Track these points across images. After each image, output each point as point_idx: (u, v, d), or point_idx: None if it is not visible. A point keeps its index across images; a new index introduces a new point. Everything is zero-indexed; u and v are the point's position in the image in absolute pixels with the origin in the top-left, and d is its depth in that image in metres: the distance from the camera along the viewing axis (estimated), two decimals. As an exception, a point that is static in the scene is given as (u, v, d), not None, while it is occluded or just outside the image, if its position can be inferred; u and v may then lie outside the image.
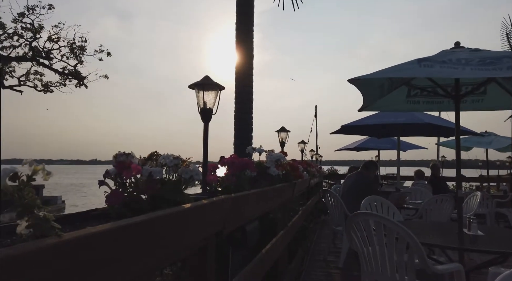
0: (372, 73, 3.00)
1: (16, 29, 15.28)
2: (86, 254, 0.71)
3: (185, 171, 1.37)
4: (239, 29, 6.26)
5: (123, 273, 0.86)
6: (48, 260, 0.62)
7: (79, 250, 0.70)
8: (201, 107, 2.00)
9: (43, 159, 24.25)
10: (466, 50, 3.06)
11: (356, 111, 4.33)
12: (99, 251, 0.76)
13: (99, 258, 0.75)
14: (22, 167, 0.72)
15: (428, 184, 7.69)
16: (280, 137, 5.73)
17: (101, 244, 0.77)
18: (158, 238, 1.01)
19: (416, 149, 11.18)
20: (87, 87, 17.25)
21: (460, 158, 3.27)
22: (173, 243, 1.11)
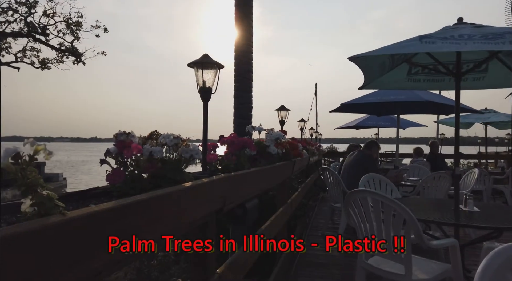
0: (373, 51, 2.97)
1: (10, 3, 14.93)
2: (89, 232, 0.73)
3: (185, 151, 1.38)
4: (238, 6, 6.12)
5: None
6: (53, 237, 0.64)
7: (83, 228, 0.71)
8: (200, 86, 1.99)
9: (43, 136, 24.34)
10: (468, 26, 3.01)
11: (357, 89, 4.32)
12: (102, 228, 0.78)
13: (102, 235, 0.77)
14: (24, 147, 0.73)
15: (427, 161, 7.75)
16: (279, 115, 5.72)
17: (104, 222, 0.79)
18: (159, 216, 1.04)
19: (415, 126, 11.20)
20: (84, 64, 17.03)
21: (459, 136, 3.29)
22: (173, 221, 1.14)
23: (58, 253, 0.65)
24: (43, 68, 16.53)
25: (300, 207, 5.14)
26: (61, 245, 0.65)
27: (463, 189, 5.18)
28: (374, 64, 3.69)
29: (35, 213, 0.68)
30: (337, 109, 7.72)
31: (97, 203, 1.05)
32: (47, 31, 15.86)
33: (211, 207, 1.52)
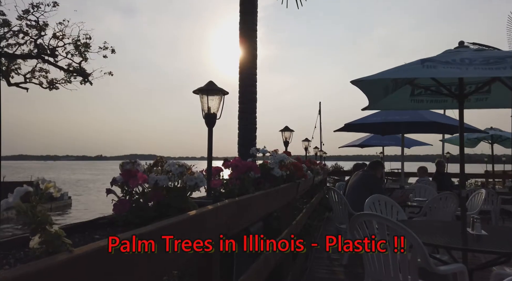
0: (375, 74, 3.01)
1: (21, 26, 15.37)
2: (96, 268, 0.74)
3: (190, 179, 1.40)
4: (243, 29, 6.26)
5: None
6: (60, 276, 0.65)
7: (89, 265, 0.73)
8: (205, 112, 2.03)
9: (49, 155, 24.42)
10: (469, 50, 3.05)
11: (360, 106, 4.35)
12: (108, 264, 0.79)
13: (108, 271, 0.79)
14: (34, 183, 0.75)
15: (433, 180, 7.68)
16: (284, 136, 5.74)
17: (109, 258, 0.80)
18: (163, 247, 1.05)
19: (420, 145, 11.16)
20: (92, 84, 17.34)
21: (464, 157, 3.28)
22: (174, 252, 1.15)
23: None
24: (51, 88, 16.83)
25: (305, 228, 5.09)
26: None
27: (471, 210, 5.11)
28: (377, 87, 3.73)
29: (43, 251, 0.69)
30: (341, 129, 7.74)
31: (102, 234, 1.06)
32: (56, 53, 16.24)
33: (215, 234, 1.52)
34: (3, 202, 0.62)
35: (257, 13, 6.56)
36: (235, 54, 6.51)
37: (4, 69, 15.16)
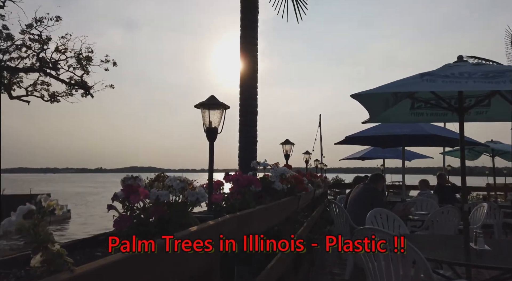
0: (375, 88, 3.03)
1: (24, 40, 15.53)
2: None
3: (191, 194, 1.39)
4: (243, 43, 6.33)
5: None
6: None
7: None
8: (207, 126, 2.04)
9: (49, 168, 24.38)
10: (468, 64, 3.08)
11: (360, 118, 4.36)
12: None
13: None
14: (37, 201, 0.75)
15: (434, 193, 7.65)
16: (284, 149, 5.75)
17: (111, 276, 0.79)
18: (163, 264, 1.04)
19: (421, 158, 11.15)
20: (93, 96, 17.42)
21: (465, 171, 3.27)
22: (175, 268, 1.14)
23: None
24: (53, 101, 16.91)
25: (306, 242, 5.04)
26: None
27: (473, 224, 5.07)
28: (377, 100, 3.76)
29: (44, 270, 0.69)
30: (342, 142, 7.76)
31: (103, 251, 1.05)
32: (58, 66, 16.38)
33: (216, 251, 1.51)
34: (5, 221, 0.62)
35: (257, 27, 6.65)
36: (236, 68, 6.57)
37: (6, 83, 15.26)
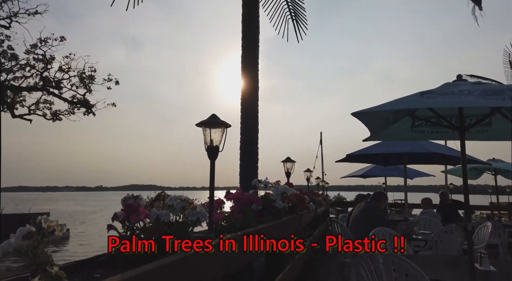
0: (375, 107, 3.04)
1: (29, 60, 15.75)
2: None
3: (192, 213, 1.38)
4: (245, 62, 6.42)
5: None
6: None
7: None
8: (208, 144, 2.05)
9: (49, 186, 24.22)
10: (468, 83, 3.11)
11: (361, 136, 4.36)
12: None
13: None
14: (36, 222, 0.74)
15: (437, 212, 7.56)
16: (285, 167, 5.73)
17: None
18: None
19: (423, 176, 11.09)
20: (95, 114, 17.51)
21: (468, 189, 3.24)
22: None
23: None
24: (55, 119, 16.99)
25: (308, 261, 4.96)
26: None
27: (477, 244, 4.99)
28: (377, 118, 3.77)
29: (42, 293, 0.68)
30: (343, 160, 7.74)
31: (102, 273, 1.03)
32: (61, 85, 16.55)
33: (216, 272, 1.48)
34: (5, 243, 0.61)
35: (258, 46, 6.75)
36: (237, 85, 6.64)
37: (9, 102, 15.38)
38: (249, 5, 6.80)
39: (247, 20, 6.75)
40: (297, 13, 9.30)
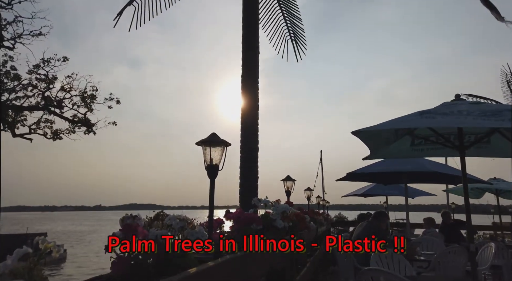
0: (375, 125, 3.06)
1: (31, 80, 15.89)
2: None
3: (191, 233, 1.37)
4: (245, 81, 6.50)
5: None
6: None
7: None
8: (208, 163, 2.04)
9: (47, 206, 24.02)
10: (466, 103, 3.13)
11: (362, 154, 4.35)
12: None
13: None
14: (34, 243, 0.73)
15: (440, 232, 7.46)
16: (285, 186, 5.68)
17: None
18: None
19: (424, 195, 11.02)
20: (95, 133, 17.51)
21: (470, 209, 3.22)
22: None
23: None
24: (55, 138, 16.98)
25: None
26: None
27: (481, 265, 4.90)
28: (377, 137, 3.78)
29: (37, 317, 0.66)
30: (344, 178, 7.70)
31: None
32: (62, 104, 16.63)
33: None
34: (1, 265, 0.61)
35: (258, 66, 6.84)
36: (237, 104, 6.70)
37: (10, 121, 15.42)
38: (249, 26, 6.95)
39: (247, 41, 6.87)
40: (296, 34, 9.48)
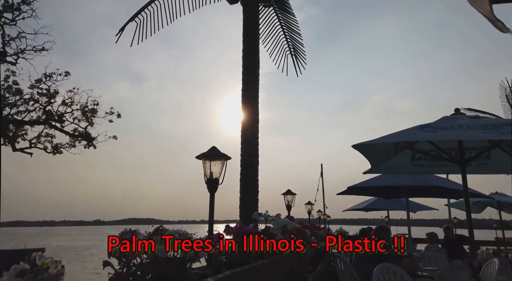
0: (375, 139, 3.06)
1: (33, 94, 15.96)
2: None
3: (191, 249, 1.35)
4: (245, 96, 6.55)
5: None
6: None
7: None
8: (208, 177, 2.03)
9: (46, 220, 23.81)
10: (466, 117, 3.14)
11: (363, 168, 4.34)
12: None
13: None
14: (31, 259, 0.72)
15: (442, 247, 7.37)
16: (286, 200, 5.64)
17: None
18: None
19: (426, 210, 10.94)
20: (95, 147, 17.48)
21: (472, 224, 3.19)
22: None
23: None
24: (55, 153, 16.94)
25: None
26: None
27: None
28: (377, 151, 3.78)
29: None
30: (344, 192, 7.66)
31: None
32: (63, 118, 16.65)
33: None
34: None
35: (258, 81, 6.90)
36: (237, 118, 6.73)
37: (11, 135, 15.42)
38: (249, 41, 7.04)
39: (248, 55, 6.95)
40: (296, 48, 9.59)
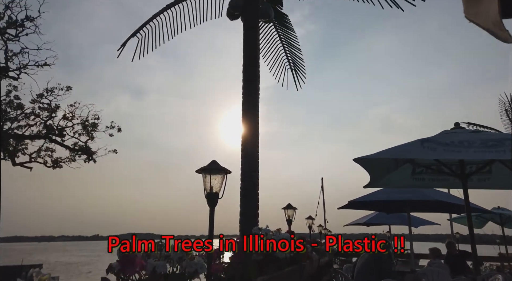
0: (376, 153, 3.06)
1: (34, 109, 16.01)
2: None
3: (190, 265, 1.33)
4: (245, 110, 6.58)
5: None
6: None
7: None
8: (208, 191, 2.02)
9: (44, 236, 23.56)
10: (466, 131, 3.14)
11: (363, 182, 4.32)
12: None
13: None
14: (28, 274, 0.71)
15: (445, 263, 7.27)
16: (286, 214, 5.59)
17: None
18: None
19: (428, 225, 10.83)
20: (95, 161, 17.43)
21: (474, 239, 3.15)
22: None
23: None
24: (55, 167, 16.88)
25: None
26: None
27: (490, 297, 4.74)
28: (378, 164, 3.77)
29: None
30: (345, 206, 7.61)
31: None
32: (64, 133, 16.66)
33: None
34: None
35: (258, 95, 6.94)
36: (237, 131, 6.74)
37: (11, 150, 15.40)
38: (250, 57, 7.11)
39: (248, 70, 7.01)
40: (296, 63, 9.69)
